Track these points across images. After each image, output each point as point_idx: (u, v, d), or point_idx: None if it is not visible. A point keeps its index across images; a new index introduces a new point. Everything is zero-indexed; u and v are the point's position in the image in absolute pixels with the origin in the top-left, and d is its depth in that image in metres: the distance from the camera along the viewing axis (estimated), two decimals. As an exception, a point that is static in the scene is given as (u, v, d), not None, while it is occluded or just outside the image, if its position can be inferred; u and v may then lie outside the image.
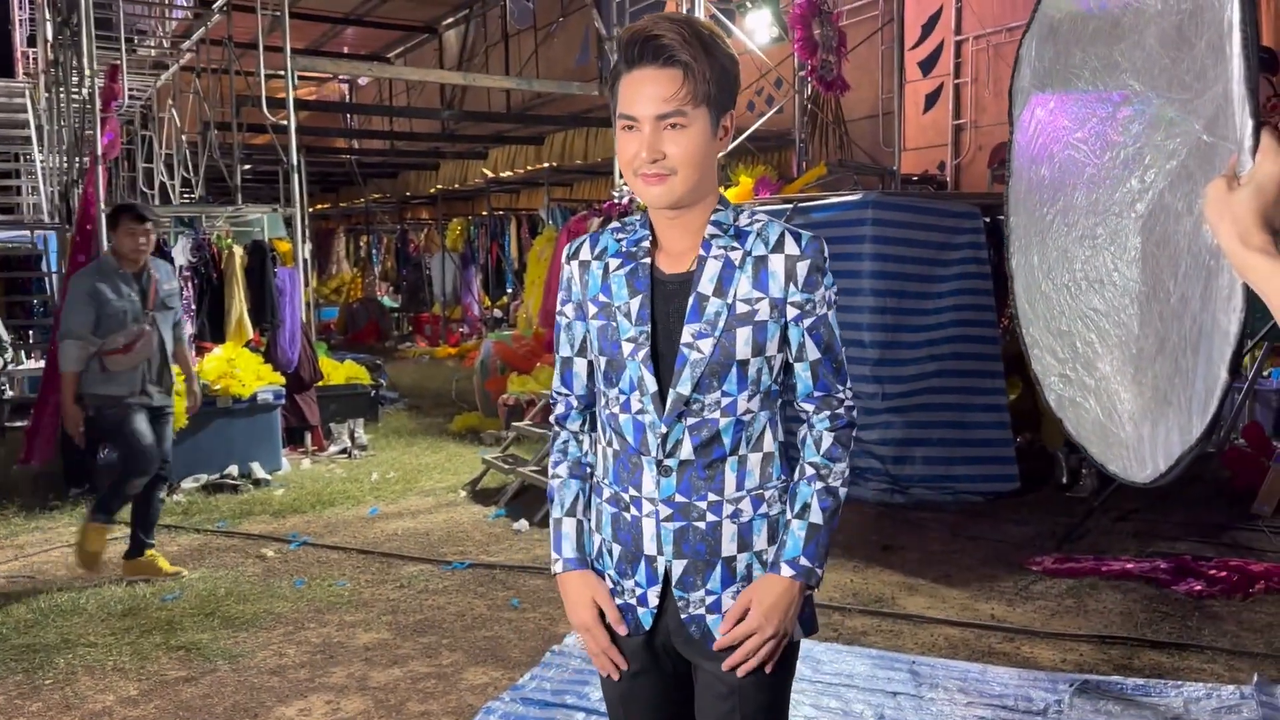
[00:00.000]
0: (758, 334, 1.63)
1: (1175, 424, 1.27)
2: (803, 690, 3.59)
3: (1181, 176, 1.22)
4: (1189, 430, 1.24)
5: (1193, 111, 1.18)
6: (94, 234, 7.46)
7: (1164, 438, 1.31)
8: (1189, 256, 1.21)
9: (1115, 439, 1.45)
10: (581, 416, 1.82)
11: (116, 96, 7.57)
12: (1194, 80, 1.17)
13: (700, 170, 1.60)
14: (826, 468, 1.68)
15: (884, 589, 4.71)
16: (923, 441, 6.34)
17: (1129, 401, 1.40)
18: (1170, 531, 5.49)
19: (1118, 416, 1.44)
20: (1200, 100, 1.16)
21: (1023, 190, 1.74)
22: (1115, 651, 3.93)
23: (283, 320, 8.14)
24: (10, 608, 4.59)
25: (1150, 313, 1.32)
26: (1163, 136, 1.26)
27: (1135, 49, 1.32)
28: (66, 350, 4.78)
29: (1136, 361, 1.37)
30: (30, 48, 14.65)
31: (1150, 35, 1.28)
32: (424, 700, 3.59)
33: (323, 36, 17.07)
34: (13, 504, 6.49)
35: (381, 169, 19.01)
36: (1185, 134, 1.20)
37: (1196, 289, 1.21)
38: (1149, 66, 1.28)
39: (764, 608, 1.63)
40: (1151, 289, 1.32)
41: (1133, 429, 1.39)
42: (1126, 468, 1.42)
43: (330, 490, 6.87)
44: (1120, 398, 1.43)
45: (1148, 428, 1.35)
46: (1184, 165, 1.21)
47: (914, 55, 10.50)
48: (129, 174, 12.94)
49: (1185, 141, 1.21)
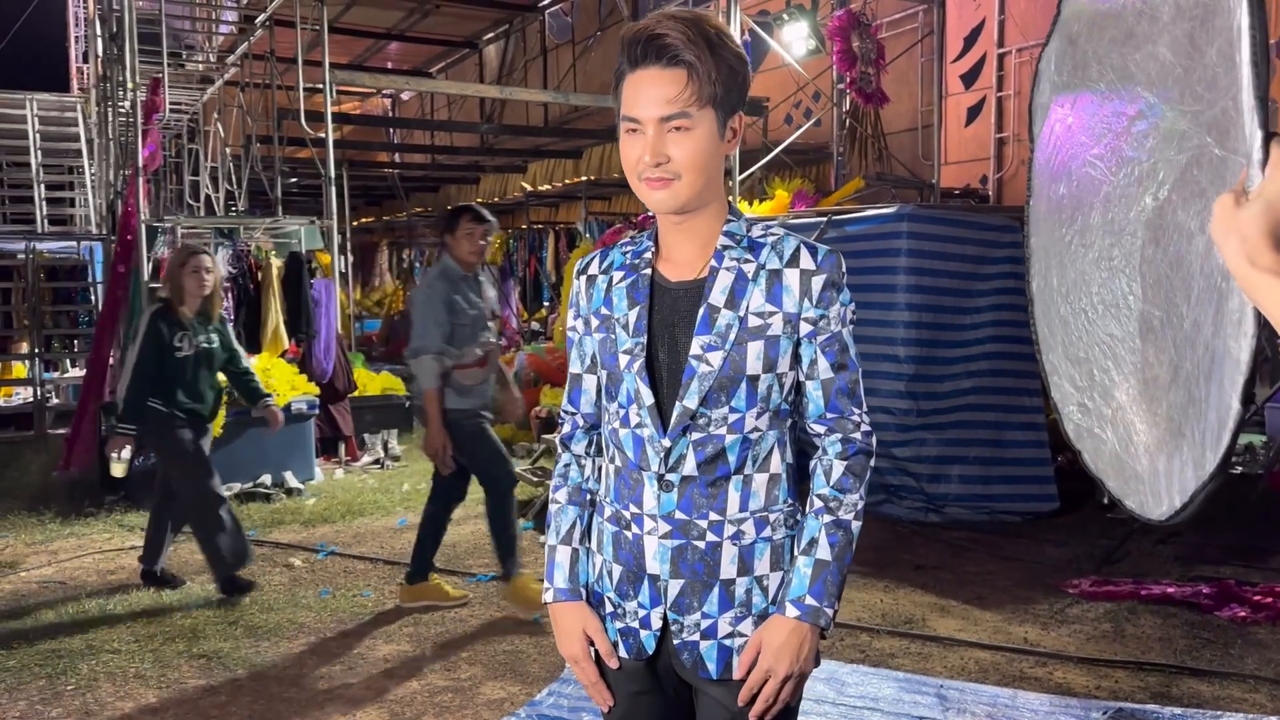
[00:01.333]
0: (769, 349, 1.57)
1: (1190, 457, 1.21)
2: (826, 714, 3.52)
3: (1194, 193, 1.16)
4: (1203, 465, 1.17)
5: (1204, 123, 1.12)
6: (134, 244, 7.58)
7: (1179, 472, 1.24)
8: (1201, 279, 1.15)
9: (1132, 472, 1.39)
10: (586, 437, 1.77)
11: (158, 109, 7.70)
12: (1205, 90, 1.11)
13: (705, 174, 1.55)
14: (836, 500, 1.60)
15: (914, 610, 4.61)
16: (959, 459, 6.23)
17: (1144, 433, 1.34)
18: (1214, 555, 5.32)
19: (1134, 449, 1.38)
20: (1212, 111, 1.10)
21: (1043, 210, 1.69)
22: (1153, 679, 3.80)
23: (318, 331, 8.21)
24: (39, 612, 4.63)
25: (1165, 339, 1.26)
26: (1175, 150, 1.20)
27: (1149, 59, 1.26)
28: (426, 366, 4.37)
29: (1151, 391, 1.31)
30: (84, 63, 15.00)
31: (1163, 44, 1.22)
32: (440, 714, 3.56)
33: (366, 51, 17.27)
34: (49, 510, 6.59)
35: (423, 183, 19.16)
36: (1197, 147, 1.14)
37: (1209, 313, 1.15)
38: (1162, 77, 1.23)
39: (773, 650, 1.57)
40: (1165, 314, 1.25)
41: (1148, 462, 1.33)
42: (1143, 503, 1.36)
43: (361, 500, 6.89)
44: (1136, 429, 1.37)
45: (1163, 461, 1.28)
46: (1195, 181, 1.15)
47: (956, 68, 10.39)
48: (176, 187, 13.18)
49: (1197, 155, 1.15)
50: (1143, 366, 1.31)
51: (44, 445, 9.01)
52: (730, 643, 1.61)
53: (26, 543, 5.95)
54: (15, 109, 12.76)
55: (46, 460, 8.16)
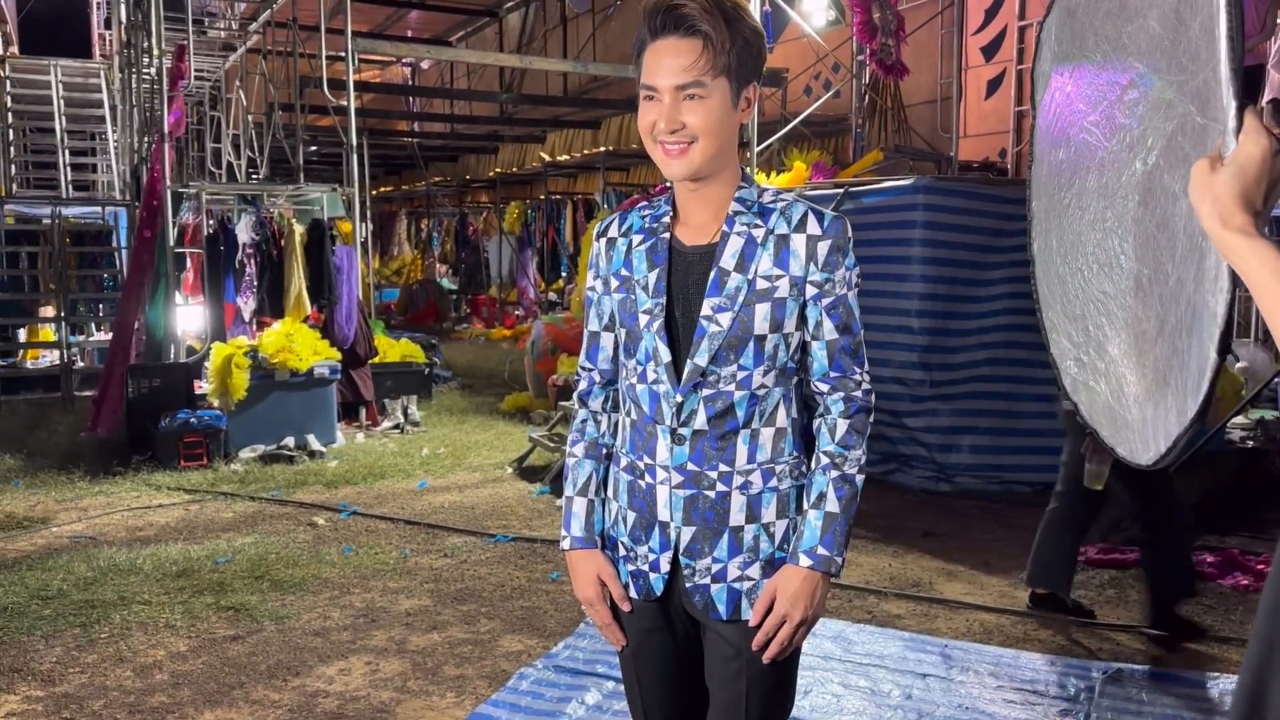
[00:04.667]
0: (776, 310, 1.66)
1: (1174, 406, 1.29)
2: (832, 669, 3.63)
3: (1178, 158, 1.23)
4: (1185, 412, 1.25)
5: (1188, 93, 1.19)
6: (159, 210, 7.69)
7: (1164, 419, 1.32)
8: (1185, 238, 1.23)
9: (1123, 421, 1.47)
10: (604, 393, 1.86)
11: (183, 76, 7.79)
12: (1189, 62, 1.18)
13: (719, 141, 1.62)
14: (841, 456, 1.69)
15: (922, 574, 4.70)
16: (971, 430, 6.30)
17: (1134, 384, 1.42)
18: (1221, 525, 5.38)
19: (1125, 399, 1.46)
20: (1195, 81, 1.17)
21: (1044, 175, 1.75)
22: (1154, 642, 3.90)
23: (340, 297, 8.32)
24: (73, 565, 4.79)
25: (1152, 296, 1.34)
26: (1162, 118, 1.27)
27: (1141, 32, 1.33)
28: None
29: (1140, 344, 1.38)
30: (107, 30, 15.08)
31: (1153, 17, 1.29)
32: (460, 664, 3.69)
33: (387, 20, 17.30)
34: (79, 469, 6.75)
35: (442, 152, 19.24)
36: (1182, 116, 1.21)
37: (1191, 271, 1.22)
38: (1151, 49, 1.29)
39: (788, 596, 1.66)
40: (1153, 271, 1.33)
41: (1138, 411, 1.41)
42: (1133, 450, 1.43)
43: (381, 463, 7.03)
44: (1127, 380, 1.44)
45: (1150, 410, 1.36)
46: (1180, 147, 1.23)
47: (976, 41, 10.35)
48: (198, 154, 13.29)
49: (1182, 123, 1.22)
50: (1133, 322, 1.38)
51: (71, 407, 9.19)
52: (739, 586, 1.71)
53: (57, 500, 6.11)
54: (40, 74, 12.88)
55: (74, 422, 8.33)
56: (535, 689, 3.48)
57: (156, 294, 8.01)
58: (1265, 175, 1.08)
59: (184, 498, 6.16)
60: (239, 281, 8.40)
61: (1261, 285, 1.03)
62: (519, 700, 3.40)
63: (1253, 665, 1.04)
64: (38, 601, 4.33)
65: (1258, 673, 1.03)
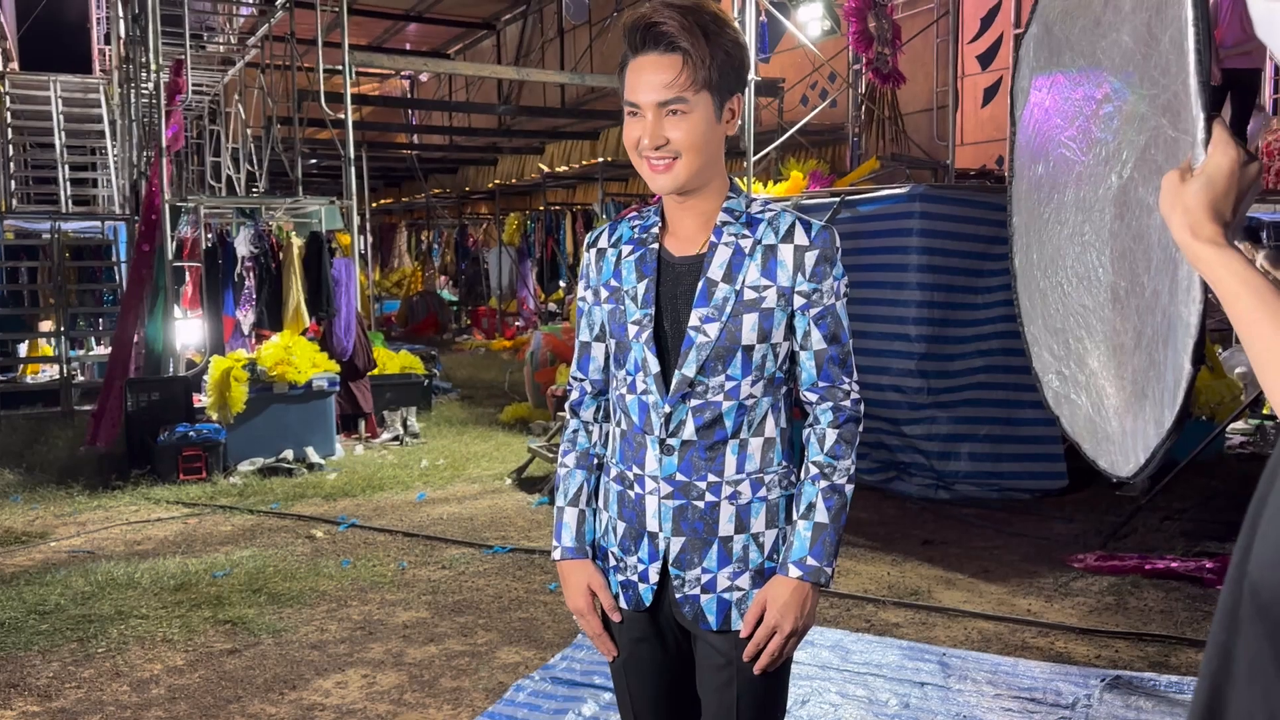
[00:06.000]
0: (764, 321, 1.66)
1: (1151, 417, 1.30)
2: (829, 678, 3.63)
3: (1152, 170, 1.24)
4: (1162, 422, 1.26)
5: (1160, 106, 1.21)
6: (158, 224, 7.72)
7: (1142, 430, 1.33)
8: (1160, 250, 1.24)
9: (1103, 434, 1.48)
10: (595, 403, 1.87)
11: (180, 90, 7.82)
12: (1160, 75, 1.19)
13: (704, 155, 1.63)
14: (830, 466, 1.70)
15: (920, 583, 4.70)
16: (969, 438, 6.30)
17: (1113, 396, 1.43)
18: (1219, 531, 5.39)
19: (1105, 411, 1.47)
20: (1166, 95, 1.18)
21: (1024, 190, 1.77)
22: (1152, 649, 3.89)
23: (338, 309, 8.34)
24: (70, 580, 4.79)
25: (1129, 308, 1.35)
26: (1136, 132, 1.28)
27: (1114, 46, 1.34)
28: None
29: (1119, 356, 1.39)
30: (106, 45, 15.15)
31: (1125, 32, 1.30)
32: (457, 676, 3.69)
33: (385, 33, 17.36)
34: (78, 483, 6.76)
35: (442, 164, 19.27)
36: (1154, 129, 1.23)
37: (1166, 282, 1.24)
38: (1125, 63, 1.31)
39: (778, 607, 1.66)
40: (1130, 284, 1.34)
41: (1117, 423, 1.42)
42: (1114, 462, 1.44)
43: (380, 475, 7.03)
44: (1107, 392, 1.46)
45: (1130, 421, 1.37)
46: (1153, 159, 1.24)
47: (972, 49, 10.39)
48: (197, 168, 13.34)
49: (1154, 136, 1.23)
50: (1111, 334, 1.39)
51: (70, 421, 9.20)
52: (729, 596, 1.71)
53: (55, 514, 6.12)
54: (40, 90, 12.94)
55: (73, 436, 8.34)
56: (532, 701, 3.48)
57: (155, 308, 8.03)
58: (1234, 186, 1.09)
59: (182, 511, 6.16)
60: (238, 295, 8.43)
61: (1231, 295, 1.04)
62: (515, 712, 3.40)
63: (1210, 672, 1.05)
64: (35, 616, 4.34)
65: (1214, 680, 1.04)
